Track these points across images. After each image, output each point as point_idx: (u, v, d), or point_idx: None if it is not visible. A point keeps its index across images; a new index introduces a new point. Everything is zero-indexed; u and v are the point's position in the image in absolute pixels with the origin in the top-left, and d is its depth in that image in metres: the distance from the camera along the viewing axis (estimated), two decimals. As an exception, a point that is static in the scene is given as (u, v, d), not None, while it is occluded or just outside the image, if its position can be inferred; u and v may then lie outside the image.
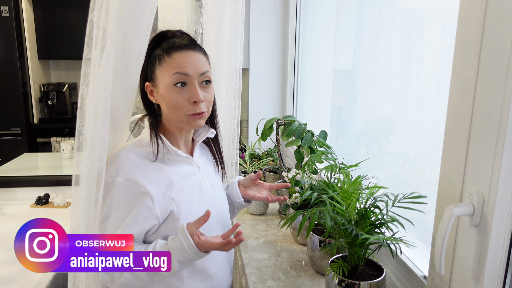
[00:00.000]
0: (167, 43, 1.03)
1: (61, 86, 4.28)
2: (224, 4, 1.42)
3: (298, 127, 1.51)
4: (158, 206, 1.00)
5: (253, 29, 2.21)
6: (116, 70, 0.99)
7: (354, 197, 0.98)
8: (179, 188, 1.04)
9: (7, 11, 3.72)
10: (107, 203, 0.99)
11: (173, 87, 0.99)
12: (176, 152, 1.05)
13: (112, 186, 0.98)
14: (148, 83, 1.05)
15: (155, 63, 1.03)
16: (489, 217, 0.70)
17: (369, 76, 1.55)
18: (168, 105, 1.01)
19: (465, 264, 0.77)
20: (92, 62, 0.95)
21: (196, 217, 1.03)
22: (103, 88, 0.97)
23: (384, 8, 1.44)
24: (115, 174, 0.98)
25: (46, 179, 2.22)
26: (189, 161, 1.10)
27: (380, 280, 0.94)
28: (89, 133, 0.97)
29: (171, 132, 1.09)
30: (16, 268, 1.44)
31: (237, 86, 1.54)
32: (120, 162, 1.00)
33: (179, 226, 0.99)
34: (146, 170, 1.01)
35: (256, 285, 1.15)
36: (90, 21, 0.95)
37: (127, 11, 0.99)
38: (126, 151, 1.02)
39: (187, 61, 1.00)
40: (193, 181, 1.09)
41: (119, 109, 1.05)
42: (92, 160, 0.97)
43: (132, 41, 1.01)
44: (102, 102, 0.96)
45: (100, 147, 0.98)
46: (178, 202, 1.03)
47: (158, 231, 1.03)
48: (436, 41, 1.15)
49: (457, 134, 0.77)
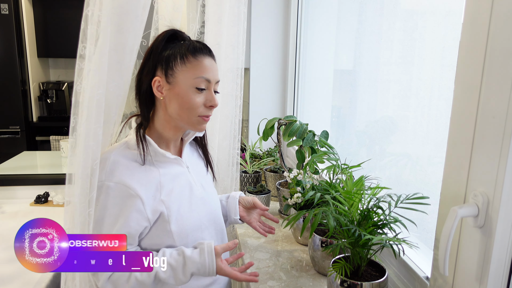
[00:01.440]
0: (191, 44, 1.04)
1: (61, 84, 4.27)
2: (225, 4, 1.41)
3: (299, 127, 1.51)
4: (149, 209, 1.00)
5: (254, 29, 2.21)
6: (110, 66, 0.99)
7: (357, 197, 0.98)
8: (169, 190, 1.05)
9: (7, 9, 3.71)
10: (99, 208, 0.99)
11: (194, 89, 1.02)
12: (164, 155, 1.05)
13: (102, 190, 0.98)
14: (158, 78, 1.03)
15: (174, 61, 1.02)
16: (493, 218, 0.70)
17: (370, 76, 1.55)
18: (183, 104, 1.02)
19: (468, 265, 0.77)
20: (86, 58, 0.95)
21: (186, 218, 1.06)
22: (97, 84, 0.96)
23: (385, 8, 1.44)
24: (104, 178, 0.99)
25: (46, 177, 2.21)
26: (177, 162, 1.10)
27: (383, 281, 0.94)
28: (83, 130, 0.96)
29: (161, 132, 1.08)
30: (16, 267, 1.44)
31: (238, 85, 1.54)
32: (108, 166, 1.00)
33: (207, 244, 1.01)
34: (135, 173, 1.01)
35: (257, 285, 1.15)
36: (85, 16, 0.94)
37: (121, 6, 0.98)
38: (115, 154, 1.02)
39: (211, 67, 1.04)
40: (183, 181, 1.10)
41: (110, 106, 1.04)
42: (86, 158, 0.96)
43: (126, 37, 1.00)
44: (95, 99, 0.96)
45: (94, 144, 0.97)
46: (168, 204, 1.03)
47: (149, 234, 1.03)
48: (437, 42, 1.15)
49: (462, 135, 0.77)
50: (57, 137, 3.67)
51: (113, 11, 0.96)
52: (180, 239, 1.05)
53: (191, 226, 1.07)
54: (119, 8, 0.97)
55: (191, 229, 1.07)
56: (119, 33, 0.99)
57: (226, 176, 1.63)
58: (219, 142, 1.59)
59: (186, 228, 1.06)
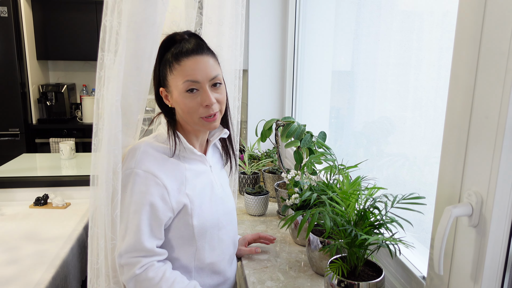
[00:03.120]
0: (176, 49, 1.05)
1: (60, 86, 4.27)
2: (224, 5, 1.42)
3: (297, 128, 1.51)
4: (174, 200, 1.03)
5: (252, 31, 2.22)
6: (129, 72, 1.02)
7: (353, 198, 0.98)
8: (193, 185, 1.09)
9: (6, 12, 3.71)
10: (127, 194, 1.02)
11: (185, 93, 1.03)
12: (192, 150, 1.10)
13: (130, 177, 1.02)
14: (162, 88, 1.09)
15: (166, 70, 1.05)
16: (487, 217, 0.71)
17: (368, 77, 1.56)
18: (182, 109, 1.05)
19: (463, 265, 0.78)
20: (106, 66, 0.98)
21: (207, 215, 1.10)
22: (116, 91, 1.00)
23: (382, 10, 1.45)
24: (134, 166, 1.02)
25: (45, 179, 2.21)
26: (202, 160, 1.14)
27: (379, 281, 0.95)
28: (105, 135, 1.01)
29: (187, 132, 1.12)
30: (15, 269, 1.44)
31: (236, 87, 1.55)
32: (139, 155, 1.03)
33: None
34: (162, 165, 1.05)
35: (256, 286, 1.16)
36: (103, 26, 0.98)
37: (139, 14, 1.01)
38: (145, 144, 1.06)
39: (196, 67, 1.02)
40: (205, 179, 1.13)
41: (132, 109, 1.08)
42: (108, 161, 1.01)
43: (144, 43, 1.03)
44: (115, 105, 1.00)
45: (116, 148, 1.02)
46: (192, 198, 1.07)
47: (172, 226, 1.07)
48: (435, 42, 1.15)
49: (456, 135, 0.78)
50: (57, 139, 3.68)
51: (131, 19, 0.99)
52: (199, 234, 1.09)
53: (210, 223, 1.11)
54: (137, 16, 1.00)
55: (210, 226, 1.11)
56: (137, 41, 1.02)
57: (225, 177, 1.64)
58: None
59: (206, 225, 1.09)
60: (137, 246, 1.00)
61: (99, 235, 1.04)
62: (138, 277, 1.01)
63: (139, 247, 1.00)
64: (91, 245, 1.08)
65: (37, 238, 1.70)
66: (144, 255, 1.01)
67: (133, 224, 1.00)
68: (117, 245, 1.04)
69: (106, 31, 0.97)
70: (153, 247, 1.02)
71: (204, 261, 1.11)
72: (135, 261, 1.01)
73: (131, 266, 1.01)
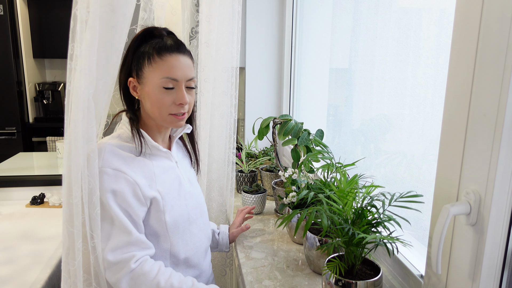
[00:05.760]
0: (158, 43, 1.05)
1: (57, 85, 4.25)
2: (220, 3, 1.41)
3: (294, 126, 1.51)
4: (146, 194, 1.04)
5: (249, 28, 2.21)
6: (98, 64, 0.99)
7: (350, 196, 0.98)
8: (162, 181, 1.09)
9: (2, 10, 3.69)
10: (100, 194, 1.01)
11: (162, 89, 1.03)
12: (157, 147, 1.10)
13: (100, 176, 1.01)
14: (132, 79, 1.07)
15: (143, 61, 1.04)
16: (485, 216, 0.70)
17: (366, 74, 1.55)
18: (153, 104, 1.05)
19: (461, 263, 0.77)
20: (76, 58, 0.94)
21: (177, 210, 1.11)
22: (88, 83, 0.96)
23: (380, 6, 1.44)
24: (101, 165, 1.01)
25: (42, 178, 2.20)
26: (168, 156, 1.15)
27: (377, 279, 0.94)
28: (78, 129, 0.97)
29: (149, 128, 1.12)
30: (12, 268, 1.43)
31: (233, 85, 1.54)
32: (105, 154, 1.02)
33: None
34: (130, 163, 1.04)
35: (253, 285, 1.15)
36: (74, 15, 0.93)
37: (110, 4, 0.98)
38: (110, 144, 1.05)
39: (177, 65, 1.04)
40: (173, 175, 1.14)
41: (99, 103, 1.05)
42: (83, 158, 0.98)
43: (113, 34, 1.00)
44: (86, 98, 0.96)
45: (91, 143, 0.98)
46: (163, 194, 1.08)
47: (145, 224, 1.06)
48: (432, 40, 1.15)
49: (454, 133, 0.77)
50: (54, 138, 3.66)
51: (102, 9, 0.96)
52: (172, 230, 1.09)
53: (181, 218, 1.12)
54: (108, 6, 0.97)
55: (181, 221, 1.12)
56: (107, 31, 0.99)
57: (222, 176, 1.63)
58: (215, 141, 1.59)
59: (178, 220, 1.10)
60: (131, 240, 1.00)
61: (75, 236, 0.98)
62: (133, 273, 1.00)
63: (133, 240, 1.00)
64: (68, 246, 1.00)
65: (33, 238, 1.69)
66: (137, 249, 1.01)
67: (117, 221, 1.00)
68: (100, 245, 1.00)
69: (77, 20, 0.93)
70: (146, 239, 1.03)
71: (179, 257, 1.12)
72: (129, 256, 1.00)
73: (125, 262, 0.99)
